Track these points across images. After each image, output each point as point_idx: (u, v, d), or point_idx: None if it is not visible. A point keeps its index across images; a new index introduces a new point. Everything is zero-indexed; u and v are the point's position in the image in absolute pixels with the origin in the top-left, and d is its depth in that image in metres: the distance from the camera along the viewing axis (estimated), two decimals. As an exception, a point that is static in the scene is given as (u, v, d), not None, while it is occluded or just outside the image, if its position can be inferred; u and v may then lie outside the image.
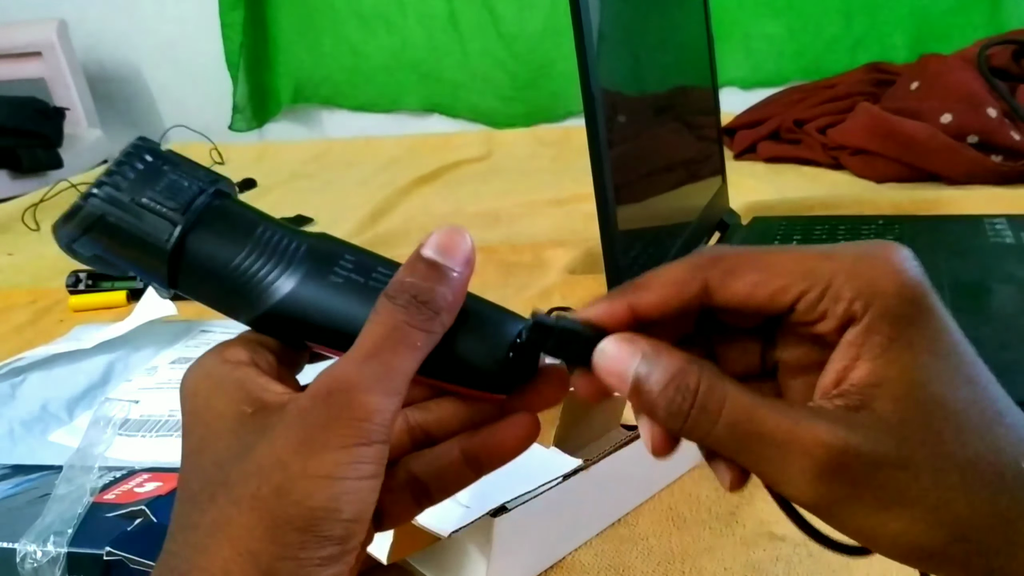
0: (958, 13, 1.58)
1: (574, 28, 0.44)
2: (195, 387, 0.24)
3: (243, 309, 0.25)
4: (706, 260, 0.23)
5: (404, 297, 0.23)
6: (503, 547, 0.36)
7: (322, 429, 0.21)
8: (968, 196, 0.91)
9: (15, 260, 1.02)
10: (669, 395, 0.22)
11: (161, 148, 0.25)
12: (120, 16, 2.12)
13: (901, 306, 0.21)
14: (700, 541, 0.41)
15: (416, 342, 0.23)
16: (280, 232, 0.25)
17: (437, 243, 0.24)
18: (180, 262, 0.24)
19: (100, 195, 0.24)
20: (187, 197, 0.24)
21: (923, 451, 0.20)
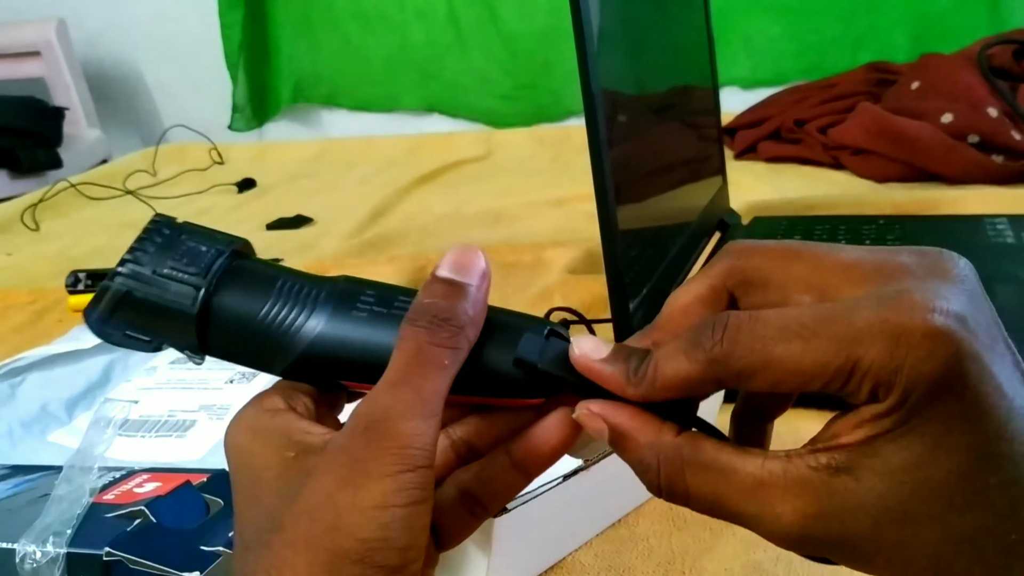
0: (959, 13, 1.58)
1: (574, 28, 0.44)
2: (237, 441, 0.24)
3: (276, 360, 0.25)
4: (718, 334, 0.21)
5: (425, 319, 0.23)
6: (503, 547, 0.36)
7: (364, 461, 0.22)
8: (969, 196, 0.91)
9: (14, 260, 1.02)
10: (636, 468, 0.23)
11: (176, 220, 0.26)
12: (119, 15, 2.12)
13: (928, 384, 0.19)
14: (700, 541, 0.41)
15: (443, 360, 0.23)
16: (301, 280, 0.26)
17: (451, 262, 0.24)
18: (208, 325, 0.25)
19: (124, 272, 0.25)
20: (207, 261, 0.25)
21: (896, 534, 0.19)
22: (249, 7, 1.95)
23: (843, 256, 0.21)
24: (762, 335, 0.20)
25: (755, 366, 0.20)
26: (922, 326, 0.19)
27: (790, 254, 0.22)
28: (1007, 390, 0.19)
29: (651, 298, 0.55)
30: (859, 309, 0.19)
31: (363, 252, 0.91)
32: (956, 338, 0.19)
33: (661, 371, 0.22)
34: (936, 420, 0.19)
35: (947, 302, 0.19)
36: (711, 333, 0.21)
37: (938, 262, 0.21)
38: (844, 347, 0.19)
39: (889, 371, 0.19)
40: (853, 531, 0.20)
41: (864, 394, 0.19)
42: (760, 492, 0.20)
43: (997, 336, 0.20)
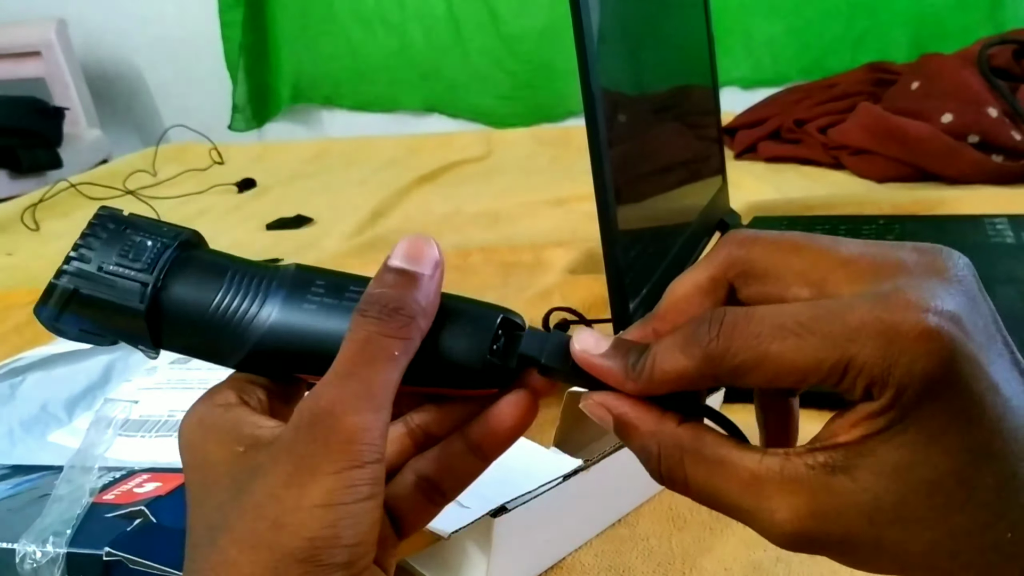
0: (959, 13, 1.58)
1: (574, 27, 0.44)
2: (189, 437, 0.24)
3: (229, 353, 0.25)
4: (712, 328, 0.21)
5: (375, 309, 0.23)
6: (503, 547, 0.36)
7: (310, 458, 0.21)
8: (969, 196, 0.91)
9: (14, 260, 1.02)
10: (639, 456, 0.23)
11: (123, 213, 0.26)
12: (120, 15, 2.13)
13: (921, 383, 0.19)
14: (700, 541, 0.41)
15: (393, 351, 0.22)
16: (251, 269, 0.25)
17: (403, 252, 0.24)
18: (160, 320, 0.25)
19: (70, 270, 0.24)
20: (153, 255, 0.25)
21: (891, 533, 0.20)
22: (249, 7, 1.95)
23: (842, 251, 0.21)
24: (757, 332, 0.20)
25: (750, 363, 0.20)
26: (915, 326, 0.19)
27: (790, 246, 0.22)
28: (1003, 388, 0.19)
29: (651, 298, 0.55)
30: (854, 307, 0.19)
31: (363, 252, 0.91)
32: (949, 338, 0.19)
33: (659, 366, 0.22)
34: (930, 419, 0.19)
35: (942, 301, 0.19)
36: (707, 329, 0.21)
37: (936, 260, 0.20)
38: (838, 345, 0.19)
39: (882, 369, 0.19)
40: (848, 530, 0.20)
41: (859, 391, 0.19)
42: (756, 487, 0.21)
43: (995, 335, 0.20)
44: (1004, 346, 0.20)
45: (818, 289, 0.21)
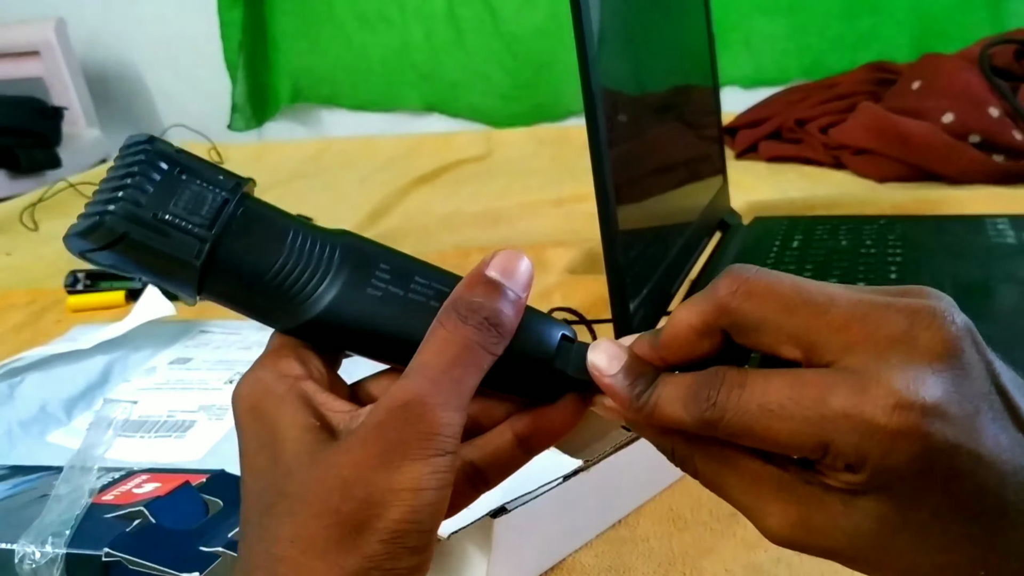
0: (960, 12, 1.58)
1: (574, 27, 0.44)
2: (257, 404, 0.24)
3: (280, 319, 0.25)
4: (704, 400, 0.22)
5: (476, 318, 0.24)
6: (503, 548, 0.36)
7: (400, 442, 0.22)
8: (970, 196, 0.91)
9: (13, 260, 1.01)
10: (655, 446, 0.25)
11: (173, 150, 0.24)
12: (119, 15, 2.12)
13: (894, 471, 0.20)
14: (701, 542, 0.41)
15: (483, 363, 0.24)
16: (311, 235, 0.25)
17: (502, 266, 0.25)
18: (209, 272, 0.24)
19: (119, 212, 0.23)
20: (212, 209, 0.24)
21: (871, 554, 0.21)
22: (248, 7, 1.95)
23: (834, 315, 0.21)
24: (745, 408, 0.21)
25: (740, 434, 0.22)
26: (890, 423, 0.20)
27: (781, 305, 0.22)
28: (988, 454, 0.20)
29: (651, 298, 0.55)
30: (832, 393, 0.20)
31: (363, 252, 0.91)
32: (923, 434, 0.20)
33: (660, 410, 0.23)
34: (905, 493, 0.20)
35: (923, 391, 0.20)
36: (706, 395, 0.22)
37: (928, 328, 0.21)
38: (816, 431, 0.20)
39: (858, 457, 0.20)
40: (831, 546, 0.22)
41: (839, 467, 0.21)
42: (756, 487, 0.22)
43: (981, 398, 0.20)
44: (1002, 404, 0.21)
45: (807, 353, 0.22)
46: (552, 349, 0.25)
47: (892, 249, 0.71)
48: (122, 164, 0.24)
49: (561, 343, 0.26)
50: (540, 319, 0.26)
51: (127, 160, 0.24)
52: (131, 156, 0.24)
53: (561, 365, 0.25)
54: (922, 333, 0.21)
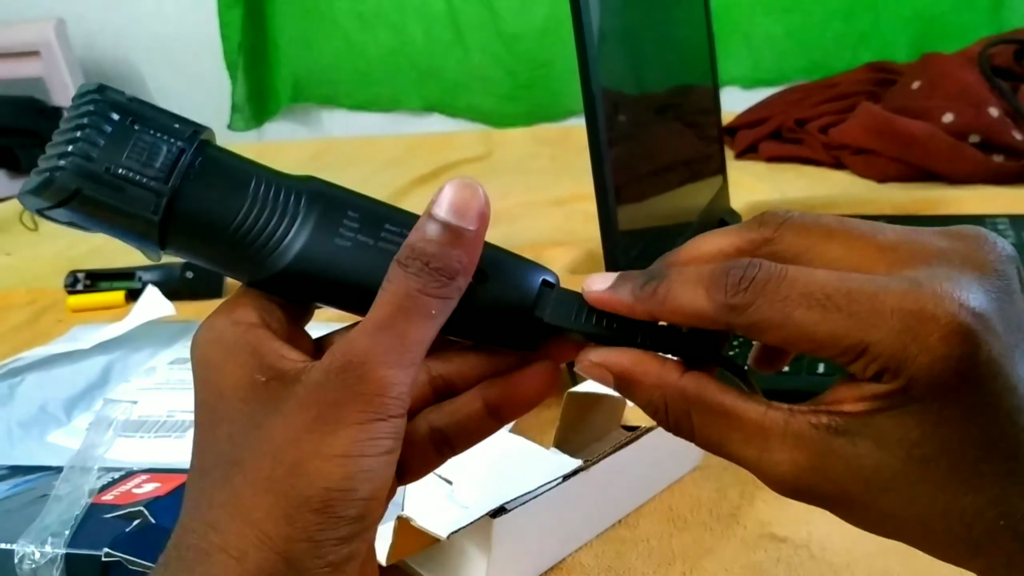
0: (960, 12, 1.58)
1: (574, 27, 0.44)
2: (206, 354, 0.23)
3: (245, 272, 0.23)
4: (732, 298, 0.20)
5: (416, 264, 0.22)
6: (502, 548, 0.36)
7: (336, 406, 0.21)
8: (970, 196, 0.91)
9: (13, 260, 1.01)
10: (646, 409, 0.23)
11: (125, 98, 0.23)
12: (118, 15, 2.12)
13: (934, 379, 0.19)
14: (701, 542, 0.41)
15: (431, 310, 0.22)
16: (275, 182, 0.24)
17: (448, 202, 0.22)
18: (169, 226, 0.22)
19: (69, 167, 0.21)
20: (168, 161, 0.22)
21: (886, 500, 0.20)
22: (248, 7, 1.95)
23: (879, 238, 0.21)
24: (786, 295, 0.20)
25: (770, 323, 0.20)
26: (939, 323, 0.18)
27: (824, 232, 0.21)
28: (1020, 388, 0.19)
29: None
30: (884, 292, 0.19)
31: (363, 252, 0.91)
32: (972, 339, 0.18)
33: (673, 295, 0.21)
34: (938, 408, 0.19)
35: (975, 298, 0.19)
36: (739, 277, 0.20)
37: (978, 249, 0.20)
38: (860, 327, 0.19)
39: (898, 360, 0.19)
40: (844, 490, 0.20)
41: (869, 374, 0.19)
42: (760, 438, 0.21)
43: (1022, 332, 0.20)
44: None
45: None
46: (532, 294, 0.24)
47: (892, 249, 0.71)
48: (73, 116, 0.22)
49: (542, 288, 0.24)
50: (517, 263, 0.24)
51: (78, 111, 0.22)
52: (82, 107, 0.22)
53: (540, 311, 0.24)
54: (971, 251, 0.20)
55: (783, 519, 0.41)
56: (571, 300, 0.24)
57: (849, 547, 0.39)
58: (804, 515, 0.41)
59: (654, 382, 0.22)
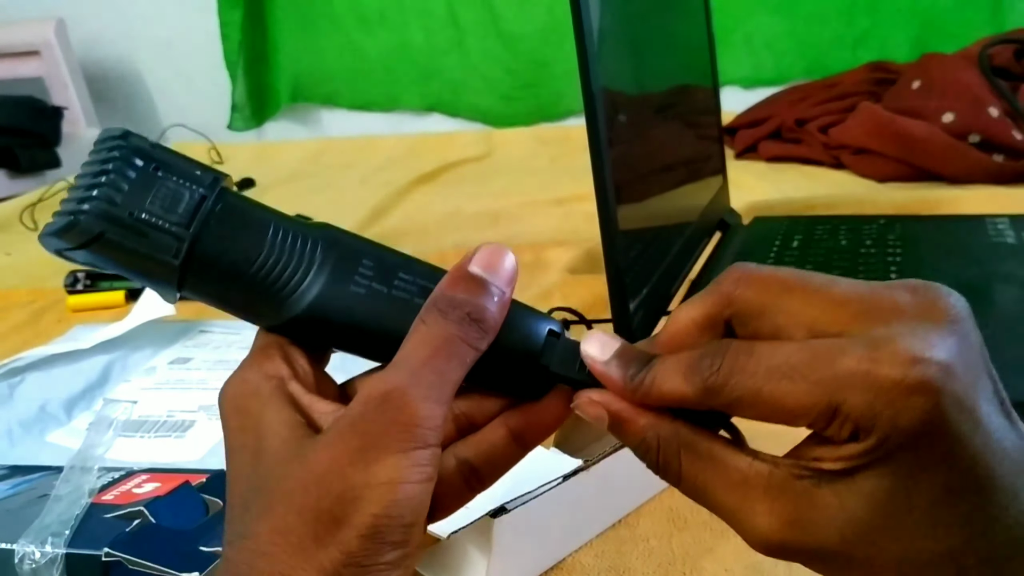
0: (960, 12, 1.58)
1: (574, 27, 0.44)
2: (244, 405, 0.24)
3: (263, 316, 0.24)
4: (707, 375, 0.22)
5: (457, 313, 0.23)
6: (503, 548, 0.36)
7: (379, 435, 0.22)
8: (970, 196, 0.91)
9: (13, 260, 1.01)
10: (637, 450, 0.24)
11: (148, 145, 0.23)
12: (118, 15, 2.12)
13: (905, 434, 0.19)
14: (701, 542, 0.41)
15: (466, 358, 0.23)
16: (292, 230, 0.24)
17: (484, 260, 0.24)
18: (189, 270, 0.23)
19: (94, 211, 0.22)
20: (190, 207, 0.23)
21: (862, 550, 0.21)
22: (248, 7, 1.95)
23: (835, 292, 0.21)
24: (753, 371, 0.21)
25: (745, 401, 0.21)
26: (903, 380, 0.19)
27: (781, 287, 0.22)
28: (986, 423, 0.20)
29: (651, 298, 0.55)
30: (844, 354, 0.20)
31: (363, 252, 0.91)
32: (937, 390, 0.19)
33: (659, 385, 0.23)
34: (912, 459, 0.20)
35: (934, 350, 0.20)
36: (710, 362, 0.22)
37: (931, 302, 0.21)
38: (827, 393, 0.20)
39: (868, 419, 0.20)
40: (822, 543, 0.21)
41: (844, 435, 0.20)
42: (743, 488, 0.22)
43: (982, 371, 0.21)
44: (989, 380, 0.21)
45: (811, 331, 0.21)
46: (539, 344, 0.25)
47: (892, 249, 0.71)
48: (97, 160, 0.23)
49: (548, 338, 0.25)
50: (527, 314, 0.25)
51: (102, 156, 0.23)
52: (106, 152, 0.23)
53: (547, 360, 0.25)
54: (924, 303, 0.21)
55: (783, 519, 0.41)
56: (576, 350, 0.25)
57: (849, 547, 0.39)
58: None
59: (650, 422, 0.23)
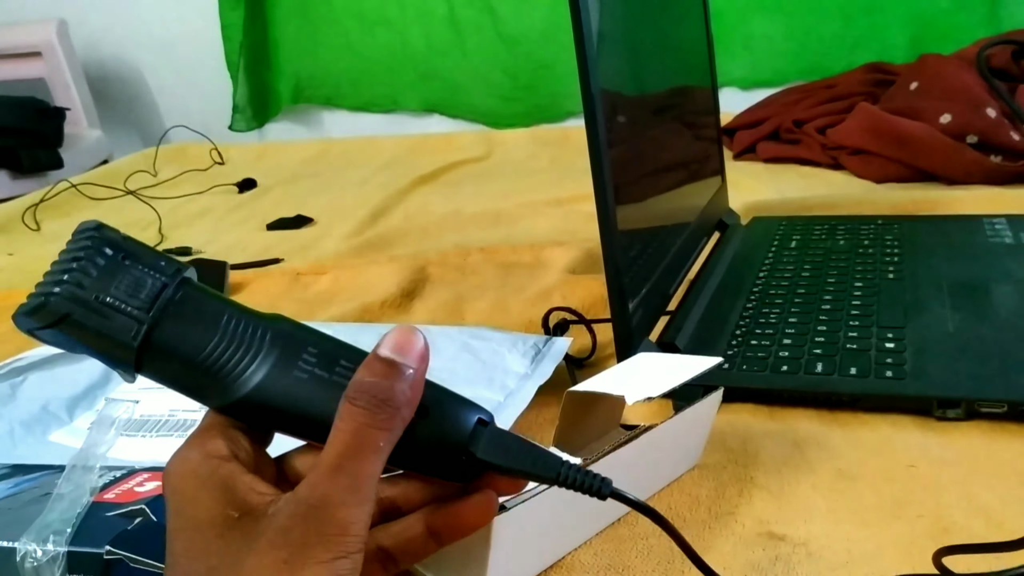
0: (957, 13, 1.58)
1: (574, 28, 0.44)
2: (180, 486, 0.25)
3: (211, 397, 0.26)
4: None
5: (364, 398, 0.24)
6: (503, 547, 0.36)
7: (304, 547, 0.23)
8: (967, 196, 0.91)
9: (15, 260, 1.02)
10: None
11: (120, 237, 0.26)
12: (120, 16, 2.13)
13: None
14: (700, 541, 0.41)
15: (379, 442, 0.24)
16: (244, 319, 0.26)
17: (392, 343, 0.25)
18: (146, 352, 0.25)
19: (63, 293, 0.24)
20: (151, 294, 0.25)
21: None
22: (249, 8, 1.95)
23: None
24: None
25: None
26: None
27: None
28: None
29: (650, 298, 0.55)
30: None
31: (363, 252, 0.91)
32: None
33: None
34: None
35: None
36: None
37: None
38: None
39: None
40: None
41: None
42: None
43: None
44: None
45: None
46: (468, 430, 0.26)
47: (890, 249, 0.71)
48: (72, 248, 0.25)
49: (476, 426, 0.26)
50: (456, 402, 0.27)
51: (76, 245, 0.25)
52: (80, 241, 0.25)
53: (474, 447, 0.26)
54: None
55: (781, 518, 0.42)
56: (502, 437, 0.26)
57: (847, 546, 0.39)
58: (802, 513, 0.41)
59: None
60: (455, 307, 0.73)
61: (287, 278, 0.84)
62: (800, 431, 0.49)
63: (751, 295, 0.64)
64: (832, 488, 0.43)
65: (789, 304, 0.62)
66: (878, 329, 0.57)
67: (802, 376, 0.52)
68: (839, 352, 0.54)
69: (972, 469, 0.44)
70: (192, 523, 0.24)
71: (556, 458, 0.27)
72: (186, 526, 0.25)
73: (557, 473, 0.27)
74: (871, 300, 0.61)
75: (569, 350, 0.57)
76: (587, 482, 0.27)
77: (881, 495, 0.43)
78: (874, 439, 0.48)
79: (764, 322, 0.59)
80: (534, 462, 0.26)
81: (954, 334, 0.55)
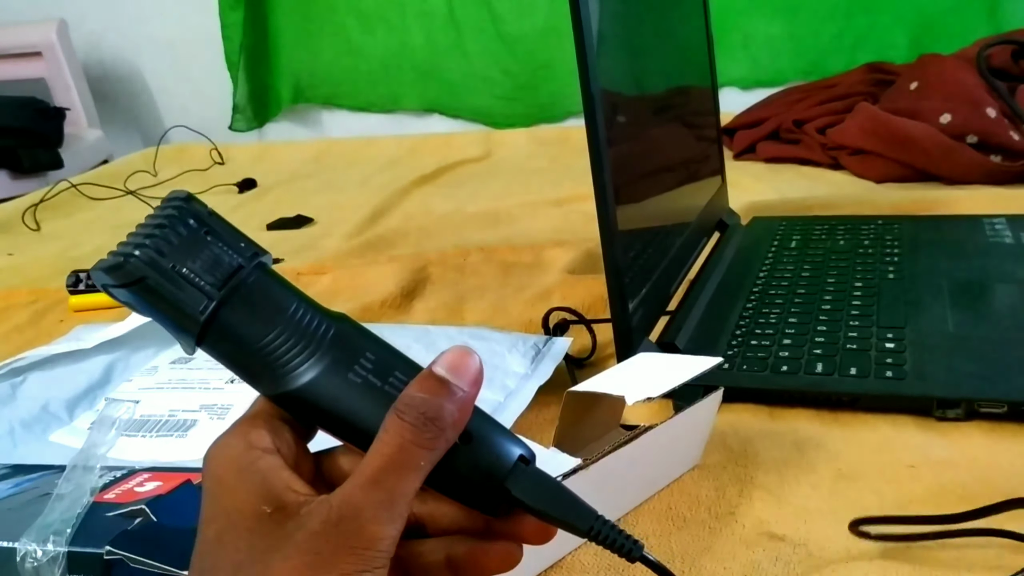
0: (957, 13, 1.58)
1: (574, 28, 0.44)
2: (220, 473, 0.25)
3: (263, 384, 0.26)
4: None
5: (412, 414, 0.24)
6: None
7: (331, 556, 0.23)
8: (967, 196, 0.91)
9: (15, 260, 1.02)
10: None
11: (206, 211, 0.26)
12: (120, 16, 2.13)
13: None
14: (700, 541, 0.41)
15: (420, 461, 0.24)
16: (310, 314, 0.26)
17: (448, 362, 0.25)
18: (211, 327, 0.25)
19: (142, 257, 0.24)
20: (225, 272, 0.25)
21: None
22: (250, 8, 1.95)
23: None
24: None
25: None
26: None
27: None
28: None
29: (650, 298, 0.55)
30: None
31: (363, 252, 0.91)
32: None
33: None
34: None
35: None
36: None
37: None
38: None
39: None
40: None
41: None
42: None
43: None
44: None
45: None
46: (508, 466, 0.26)
47: (890, 249, 0.71)
48: (158, 214, 0.26)
49: (518, 463, 0.26)
50: (502, 434, 0.26)
51: (163, 212, 0.26)
52: (167, 209, 0.26)
53: (511, 484, 0.26)
54: None
55: (781, 518, 0.42)
56: (541, 479, 0.26)
57: (847, 545, 0.39)
58: (802, 514, 0.41)
59: None
60: (455, 307, 0.73)
61: (287, 278, 0.84)
62: (800, 431, 0.49)
63: (751, 295, 0.64)
64: (832, 488, 0.43)
65: (789, 304, 0.62)
66: (878, 329, 0.57)
67: (802, 376, 0.52)
68: (839, 352, 0.54)
69: (972, 469, 0.44)
70: (226, 512, 0.24)
71: (591, 511, 0.26)
72: (220, 514, 0.25)
73: (590, 527, 0.26)
74: (871, 300, 0.61)
75: (569, 350, 0.57)
76: (619, 541, 0.27)
77: (881, 495, 0.43)
78: (874, 439, 0.48)
79: (764, 322, 0.59)
80: (567, 511, 0.26)
81: (954, 334, 0.55)
